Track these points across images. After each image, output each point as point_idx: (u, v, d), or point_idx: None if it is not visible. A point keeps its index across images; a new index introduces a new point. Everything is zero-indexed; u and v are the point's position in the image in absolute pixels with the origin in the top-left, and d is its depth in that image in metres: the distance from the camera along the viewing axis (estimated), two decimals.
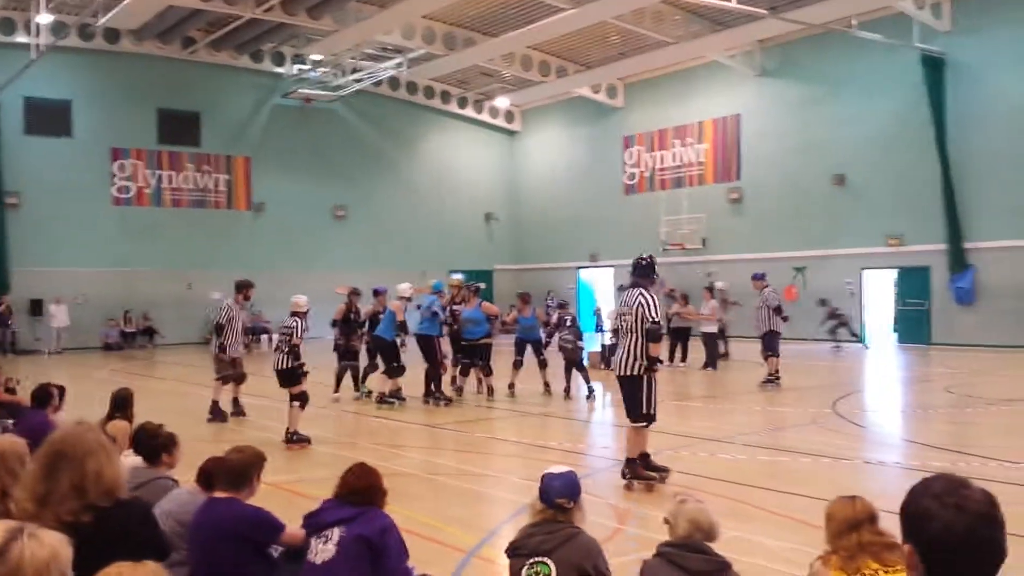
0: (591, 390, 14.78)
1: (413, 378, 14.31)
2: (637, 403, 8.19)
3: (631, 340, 8.15)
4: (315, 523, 4.40)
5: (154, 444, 5.53)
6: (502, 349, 17.08)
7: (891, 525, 2.68)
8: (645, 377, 8.12)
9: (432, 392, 14.19)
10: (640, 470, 8.18)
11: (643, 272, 8.45)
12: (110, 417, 7.09)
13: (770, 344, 15.75)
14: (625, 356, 8.21)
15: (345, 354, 14.96)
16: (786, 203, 27.66)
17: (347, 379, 14.97)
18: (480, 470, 9.37)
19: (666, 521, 4.05)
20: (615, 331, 8.50)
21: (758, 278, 16.42)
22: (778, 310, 15.82)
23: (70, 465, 3.43)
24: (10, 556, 2.22)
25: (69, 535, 2.84)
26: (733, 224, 29.11)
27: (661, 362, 8.29)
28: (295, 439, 10.68)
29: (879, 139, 25.17)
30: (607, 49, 29.84)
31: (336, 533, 4.29)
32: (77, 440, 3.55)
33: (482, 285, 15.97)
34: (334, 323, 15.18)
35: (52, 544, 2.31)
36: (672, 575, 3.75)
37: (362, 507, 4.39)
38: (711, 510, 4.01)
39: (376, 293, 15.15)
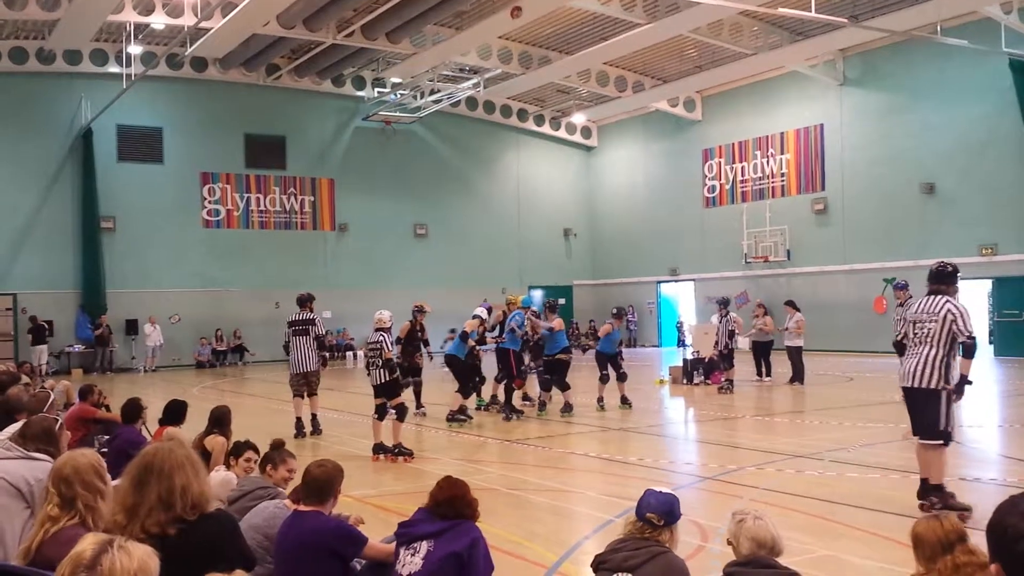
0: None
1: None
2: (932, 418, 7.55)
3: (930, 351, 7.52)
4: (406, 534, 4.48)
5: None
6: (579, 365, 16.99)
7: (983, 543, 2.58)
8: (943, 392, 7.52)
9: (504, 404, 14.31)
10: (950, 499, 7.42)
11: (949, 279, 7.76)
12: (207, 432, 7.35)
13: None
14: (921, 366, 7.55)
15: (408, 371, 14.46)
16: (873, 213, 26.99)
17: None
18: (560, 486, 9.33)
19: (729, 543, 3.97)
20: (899, 342, 7.87)
21: (901, 288, 15.56)
22: None
23: (158, 479, 3.53)
24: (100, 567, 2.29)
25: (155, 547, 2.92)
26: (818, 235, 28.52)
27: (971, 382, 7.63)
28: (398, 452, 10.78)
29: (968, 146, 24.42)
30: (684, 63, 29.62)
31: (424, 547, 4.37)
32: (167, 455, 3.65)
33: (561, 301, 15.90)
34: (398, 340, 14.36)
35: (140, 556, 2.37)
36: None
37: (452, 520, 4.44)
38: (773, 524, 3.92)
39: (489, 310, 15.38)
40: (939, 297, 7.66)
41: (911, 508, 7.39)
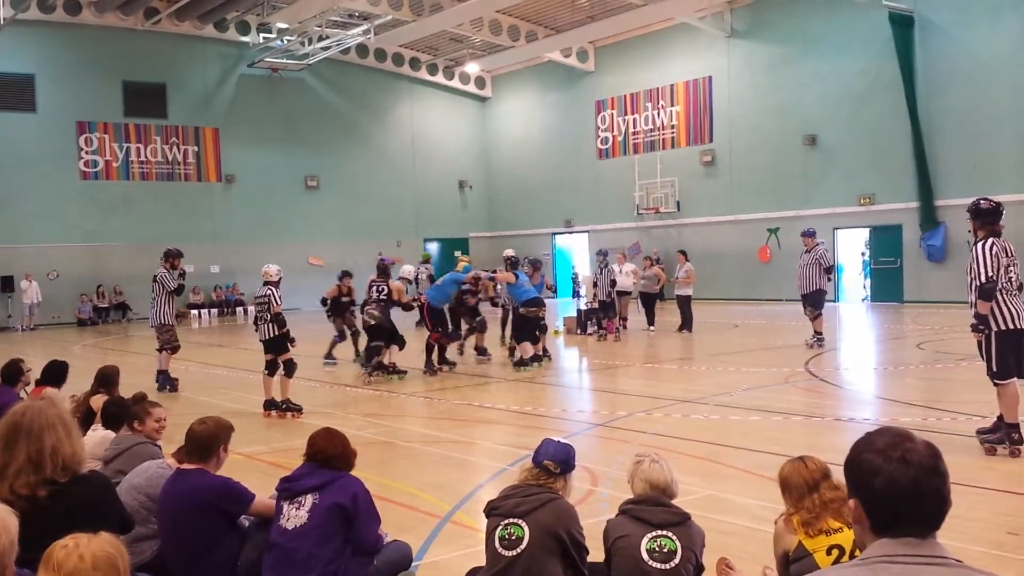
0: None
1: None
2: None
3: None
4: (289, 488, 4.43)
5: (122, 415, 5.58)
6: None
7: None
8: None
9: (427, 360, 14.23)
10: None
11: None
12: (94, 392, 7.09)
13: (820, 302, 15.62)
14: None
15: (341, 333, 15.79)
16: (758, 165, 27.70)
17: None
18: (455, 436, 9.37)
19: (629, 482, 4.12)
20: (994, 284, 7.75)
21: (809, 235, 15.85)
22: (829, 269, 15.77)
23: (27, 439, 3.40)
24: None
25: (26, 509, 2.79)
26: (706, 187, 29.14)
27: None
28: (286, 407, 10.65)
29: (850, 99, 25.22)
30: (576, 12, 29.62)
31: (309, 500, 4.35)
32: (36, 414, 3.52)
33: (457, 254, 15.89)
34: (323, 301, 15.82)
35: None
36: (634, 528, 3.83)
37: (334, 472, 4.42)
38: (669, 468, 4.06)
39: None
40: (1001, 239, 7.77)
41: (791, 448, 7.68)
